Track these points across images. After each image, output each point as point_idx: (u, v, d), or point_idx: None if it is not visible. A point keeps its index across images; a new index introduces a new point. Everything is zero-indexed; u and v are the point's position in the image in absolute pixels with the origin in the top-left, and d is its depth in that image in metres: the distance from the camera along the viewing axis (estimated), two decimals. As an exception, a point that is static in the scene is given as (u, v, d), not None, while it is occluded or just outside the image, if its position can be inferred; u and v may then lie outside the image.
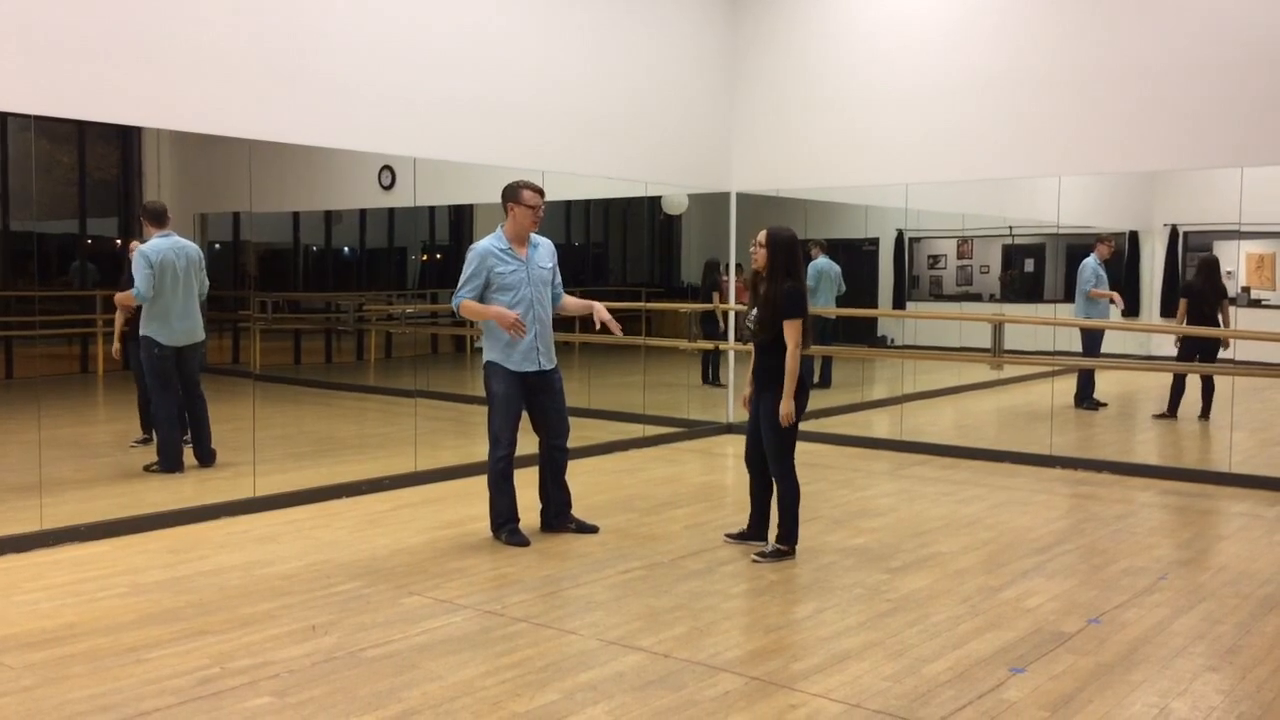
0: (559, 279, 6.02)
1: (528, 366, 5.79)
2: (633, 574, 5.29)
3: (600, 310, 5.89)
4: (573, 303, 6.10)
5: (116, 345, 7.70)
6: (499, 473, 5.83)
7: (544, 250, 5.93)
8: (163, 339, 7.37)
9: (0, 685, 3.82)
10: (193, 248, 7.56)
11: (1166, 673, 4.05)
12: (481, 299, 5.75)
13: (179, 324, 7.42)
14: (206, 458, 7.58)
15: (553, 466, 6.02)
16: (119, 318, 7.68)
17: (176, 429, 7.49)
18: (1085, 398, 10.90)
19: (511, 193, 5.78)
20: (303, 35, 6.76)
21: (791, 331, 5.42)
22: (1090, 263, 10.89)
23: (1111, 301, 10.86)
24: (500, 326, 5.69)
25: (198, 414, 7.63)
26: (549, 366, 5.88)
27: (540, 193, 5.82)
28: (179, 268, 7.36)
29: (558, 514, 6.05)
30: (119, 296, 7.56)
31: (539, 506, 6.09)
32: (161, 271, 7.27)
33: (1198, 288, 9.96)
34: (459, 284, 5.79)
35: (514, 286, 5.74)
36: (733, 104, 9.86)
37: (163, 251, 7.30)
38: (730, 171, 9.92)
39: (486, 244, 5.79)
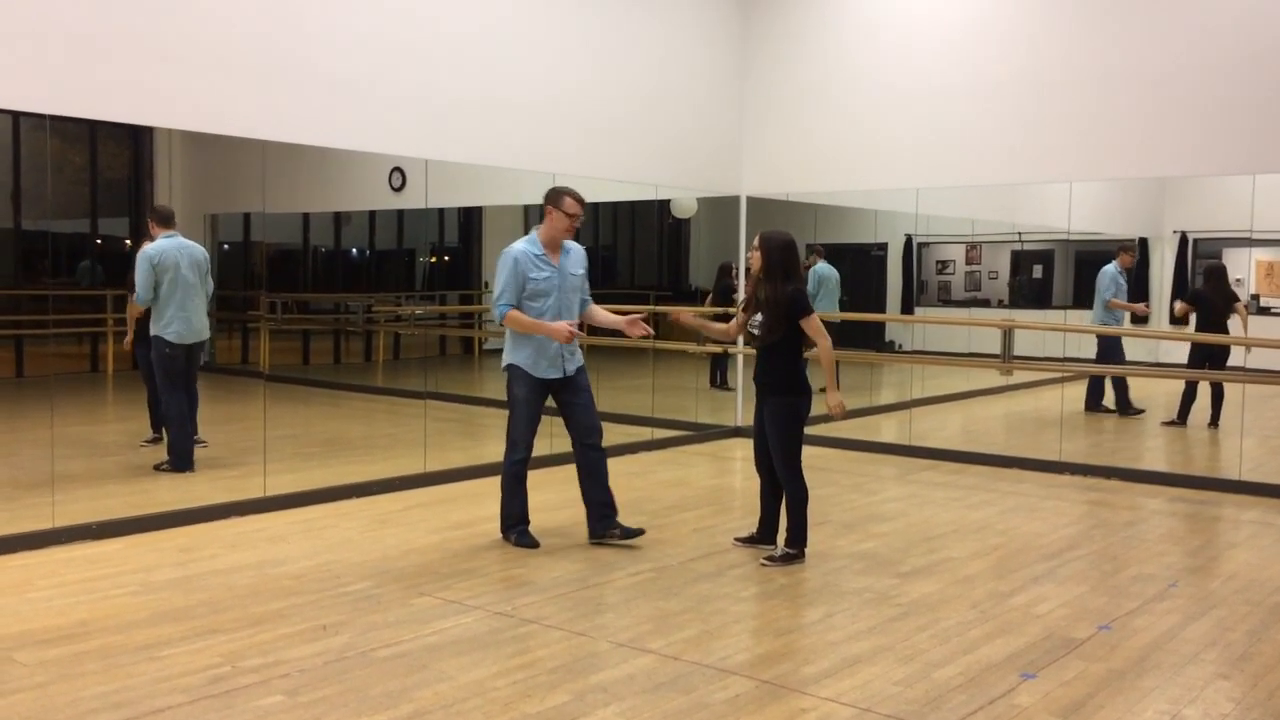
0: (587, 286, 5.96)
1: (552, 374, 5.75)
2: (642, 576, 5.30)
3: (635, 325, 5.79)
4: (602, 316, 6.00)
5: (129, 338, 7.75)
6: (513, 475, 5.82)
7: (575, 256, 5.86)
8: (171, 337, 7.46)
9: (14, 682, 3.84)
10: (199, 249, 7.70)
11: (1178, 680, 4.05)
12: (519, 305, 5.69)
13: (184, 322, 7.50)
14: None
15: (588, 467, 5.88)
16: (130, 320, 7.75)
17: (187, 427, 7.53)
18: (1096, 403, 10.89)
19: (554, 197, 5.71)
20: (315, 36, 6.77)
21: (812, 326, 5.46)
22: (1110, 271, 10.76)
23: (1143, 314, 10.76)
24: (556, 339, 5.64)
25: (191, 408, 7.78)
26: (572, 371, 5.82)
27: (582, 203, 5.74)
28: (182, 266, 7.47)
29: (601, 518, 5.88)
30: (131, 308, 7.71)
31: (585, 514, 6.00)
32: (163, 270, 7.40)
33: (1206, 295, 9.95)
34: (496, 292, 5.70)
35: (546, 293, 5.68)
36: (743, 108, 9.86)
37: (165, 251, 7.44)
38: (740, 175, 9.92)
39: (521, 248, 5.71)
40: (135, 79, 5.97)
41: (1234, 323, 9.80)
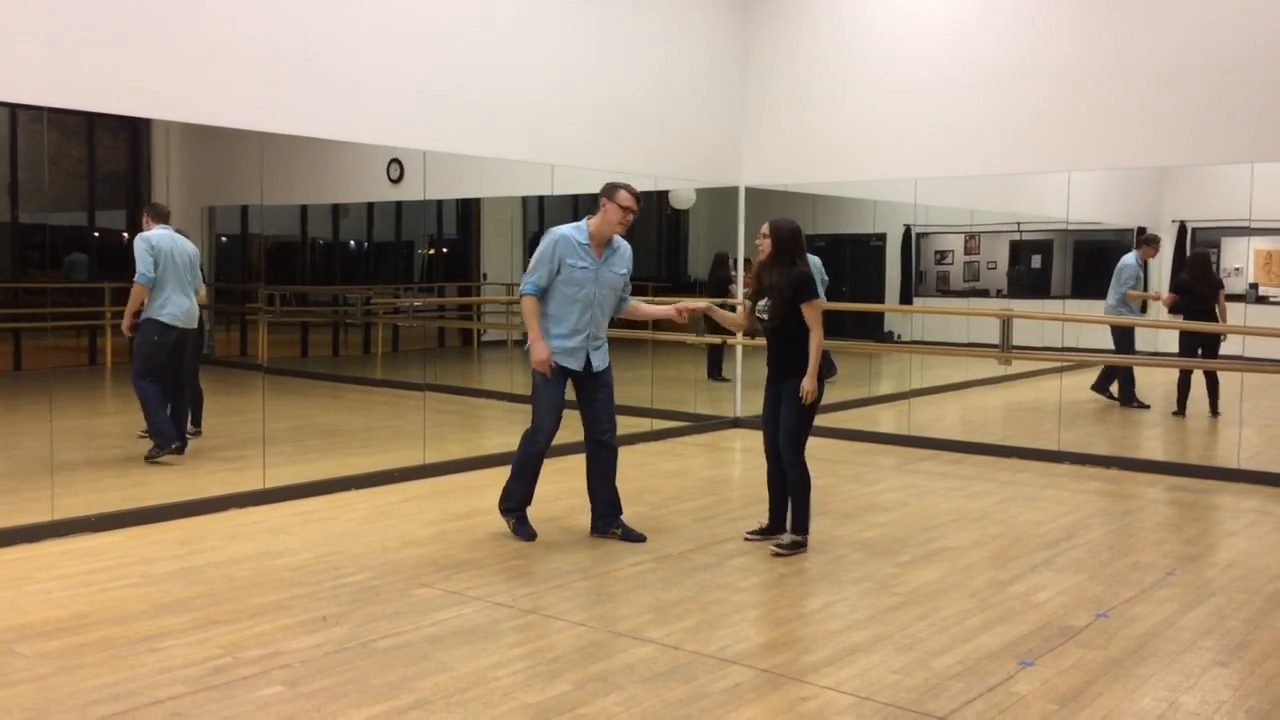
0: (629, 286, 5.93)
1: (570, 363, 5.71)
2: (642, 566, 5.30)
3: (683, 305, 5.86)
4: (647, 309, 6.04)
5: (127, 322, 7.77)
6: (524, 462, 5.79)
7: (621, 255, 5.82)
8: (166, 318, 7.60)
9: (15, 674, 3.85)
10: (190, 244, 7.88)
11: (1175, 667, 4.06)
12: (549, 286, 5.66)
13: (178, 305, 7.66)
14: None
15: (598, 465, 5.84)
16: (132, 304, 7.75)
17: (164, 407, 7.57)
18: (1104, 387, 10.88)
19: (609, 190, 5.69)
20: (313, 28, 6.76)
21: (812, 312, 5.49)
22: (1131, 263, 10.60)
23: (1157, 299, 10.63)
24: (531, 354, 5.64)
25: (196, 395, 8.12)
26: (598, 368, 5.78)
27: (638, 198, 5.72)
28: (176, 256, 7.69)
29: (603, 515, 5.86)
30: (134, 296, 7.75)
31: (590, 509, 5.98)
32: (159, 253, 7.60)
33: (1193, 284, 9.96)
34: (530, 268, 5.69)
35: (580, 284, 5.64)
36: (743, 98, 9.85)
37: (160, 237, 7.66)
38: (739, 166, 9.91)
39: (568, 230, 5.67)
40: (133, 72, 5.96)
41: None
